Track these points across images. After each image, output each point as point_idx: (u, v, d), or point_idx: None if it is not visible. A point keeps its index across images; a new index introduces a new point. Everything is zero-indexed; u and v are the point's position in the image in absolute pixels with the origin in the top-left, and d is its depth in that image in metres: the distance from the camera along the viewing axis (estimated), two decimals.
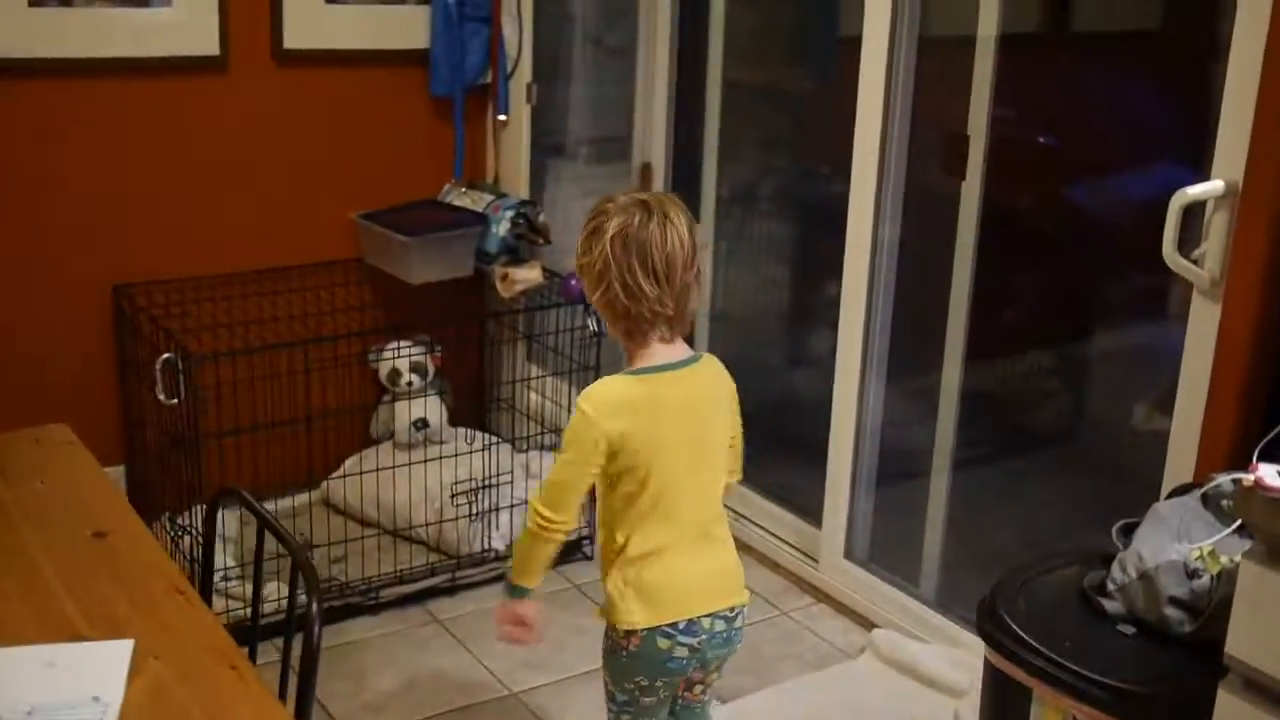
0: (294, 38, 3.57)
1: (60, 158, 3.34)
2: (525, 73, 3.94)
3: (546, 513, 2.12)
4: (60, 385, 3.45)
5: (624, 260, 2.03)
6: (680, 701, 2.36)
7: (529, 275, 3.55)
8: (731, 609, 2.24)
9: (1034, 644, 1.99)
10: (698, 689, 2.36)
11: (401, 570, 3.40)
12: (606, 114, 4.29)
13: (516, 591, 2.24)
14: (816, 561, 3.55)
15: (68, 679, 1.57)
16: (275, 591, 3.22)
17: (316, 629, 1.77)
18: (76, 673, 1.59)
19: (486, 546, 3.49)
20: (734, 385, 2.29)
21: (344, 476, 3.65)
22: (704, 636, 2.19)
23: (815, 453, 3.55)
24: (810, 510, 3.64)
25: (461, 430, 3.86)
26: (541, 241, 3.69)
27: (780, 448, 4.06)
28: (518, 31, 3.89)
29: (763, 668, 3.19)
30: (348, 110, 3.71)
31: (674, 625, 2.16)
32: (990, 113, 3.02)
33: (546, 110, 4.08)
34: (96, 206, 3.41)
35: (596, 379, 3.35)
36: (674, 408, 2.14)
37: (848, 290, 3.31)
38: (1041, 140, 3.21)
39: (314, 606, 1.78)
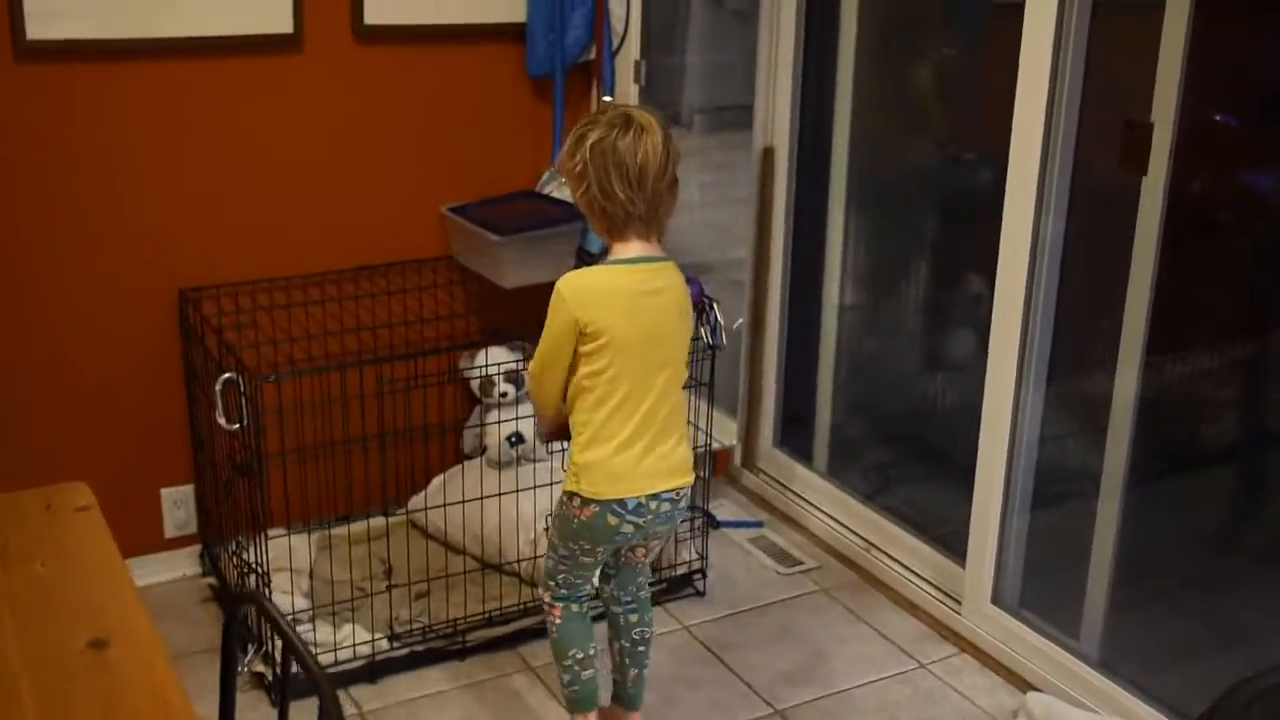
0: (375, 13, 3.18)
1: (119, 148, 3.01)
2: (633, 49, 3.52)
3: (534, 371, 2.44)
4: (125, 398, 3.15)
5: (600, 165, 2.30)
6: (622, 559, 2.60)
7: None
8: (677, 491, 2.47)
9: None
10: (639, 552, 2.60)
11: (491, 611, 3.05)
12: (725, 84, 3.87)
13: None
14: (959, 604, 3.12)
15: None
16: (350, 636, 2.90)
17: None
18: None
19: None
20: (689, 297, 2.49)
21: (427, 503, 3.30)
22: (650, 516, 2.45)
23: (954, 470, 3.13)
24: (951, 542, 3.21)
25: (562, 445, 3.49)
26: None
27: (914, 462, 3.63)
28: (625, 1, 3.48)
29: None
30: (435, 92, 3.33)
31: (623, 504, 2.41)
32: (1180, 95, 2.54)
33: (659, 82, 3.67)
34: (159, 202, 3.08)
35: (711, 398, 2.98)
36: (642, 301, 2.37)
37: (1003, 290, 2.86)
38: (1234, 124, 2.72)
39: None
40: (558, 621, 2.59)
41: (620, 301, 2.35)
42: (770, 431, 3.76)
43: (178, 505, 3.27)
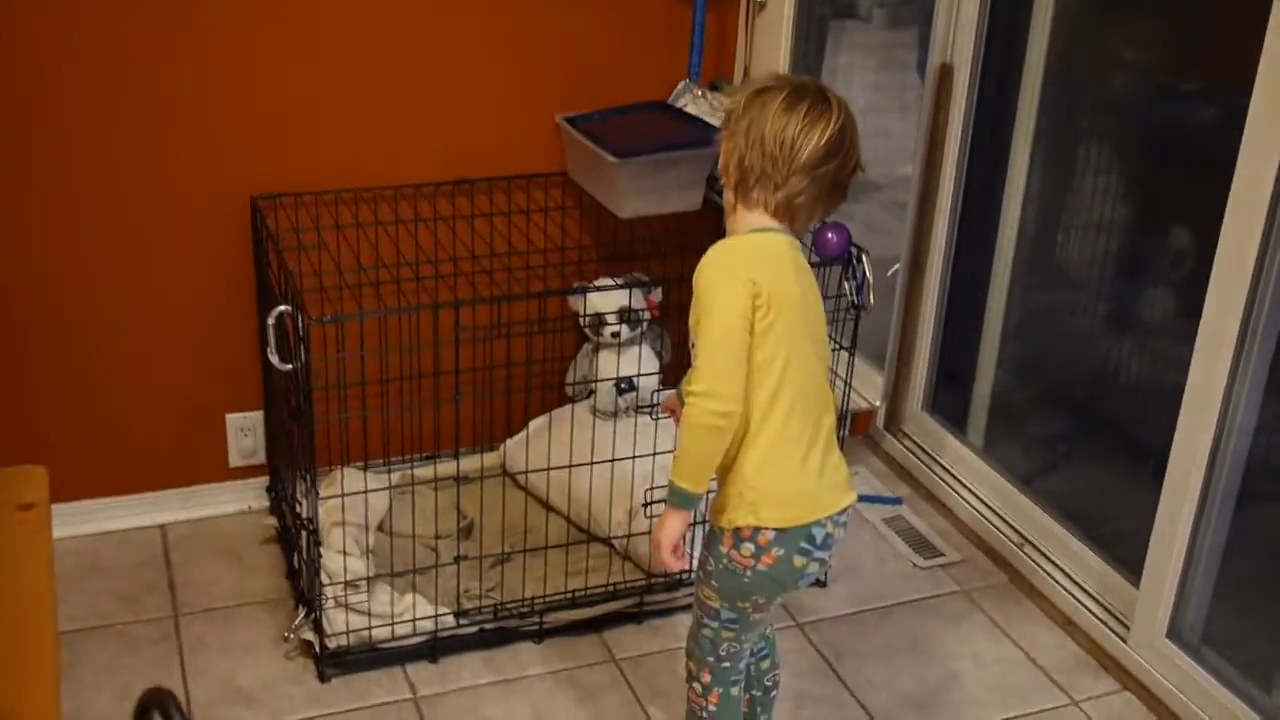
0: None
1: (185, 25, 2.62)
2: None
3: (713, 388, 1.85)
4: (189, 314, 2.81)
5: (758, 119, 1.89)
6: None
7: None
8: (845, 511, 2.02)
9: None
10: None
11: (575, 591, 2.66)
12: None
13: (686, 500, 1.93)
14: (1127, 629, 2.63)
15: None
16: (411, 608, 2.55)
17: None
18: None
19: (686, 567, 2.70)
20: None
21: (507, 456, 2.92)
22: (833, 548, 2.01)
23: (1133, 455, 2.67)
24: (1121, 549, 2.72)
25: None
26: None
27: (1086, 441, 3.10)
28: None
29: None
30: None
31: (811, 538, 1.95)
32: None
33: None
34: (231, 93, 2.69)
35: (851, 363, 2.56)
36: (792, 268, 1.93)
37: (1229, 244, 2.31)
38: None
39: None
40: (712, 708, 2.10)
41: (784, 263, 1.91)
42: (920, 392, 3.27)
43: (244, 433, 2.94)
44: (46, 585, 1.35)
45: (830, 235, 2.58)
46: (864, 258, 2.58)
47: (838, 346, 2.68)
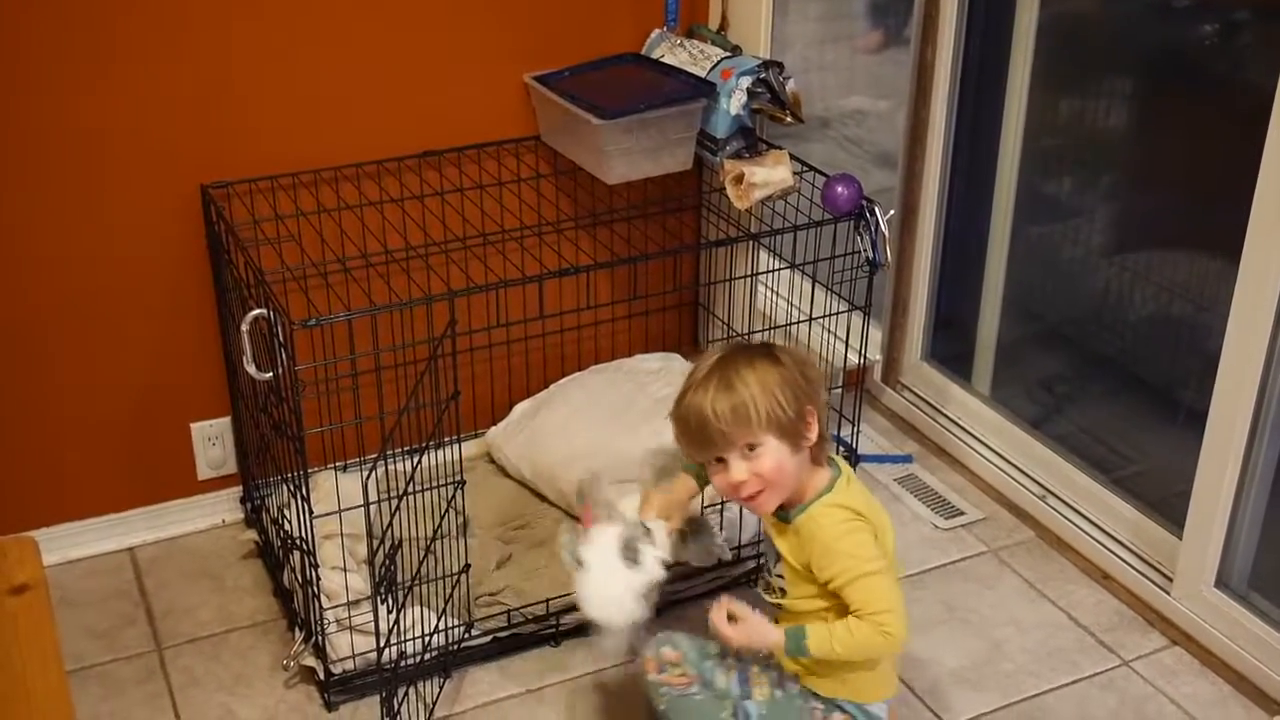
0: None
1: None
2: None
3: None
4: (141, 318, 2.57)
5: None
6: None
7: (772, 175, 2.47)
8: None
9: None
10: None
11: None
12: None
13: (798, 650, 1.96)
14: (1169, 580, 2.51)
15: None
16: (418, 622, 2.35)
17: None
18: None
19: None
20: None
21: (506, 439, 2.72)
22: None
23: (1150, 393, 2.59)
24: (1149, 492, 2.61)
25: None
26: (789, 119, 2.60)
27: (1097, 380, 2.96)
28: None
29: None
30: None
31: None
32: None
33: None
34: (170, 69, 2.43)
35: (866, 323, 2.41)
36: None
37: (1271, 166, 2.14)
38: None
39: None
40: None
41: None
42: (919, 340, 3.11)
43: (212, 442, 2.71)
44: (58, 686, 1.14)
45: (840, 189, 2.40)
46: (877, 210, 2.41)
47: (849, 307, 2.51)
